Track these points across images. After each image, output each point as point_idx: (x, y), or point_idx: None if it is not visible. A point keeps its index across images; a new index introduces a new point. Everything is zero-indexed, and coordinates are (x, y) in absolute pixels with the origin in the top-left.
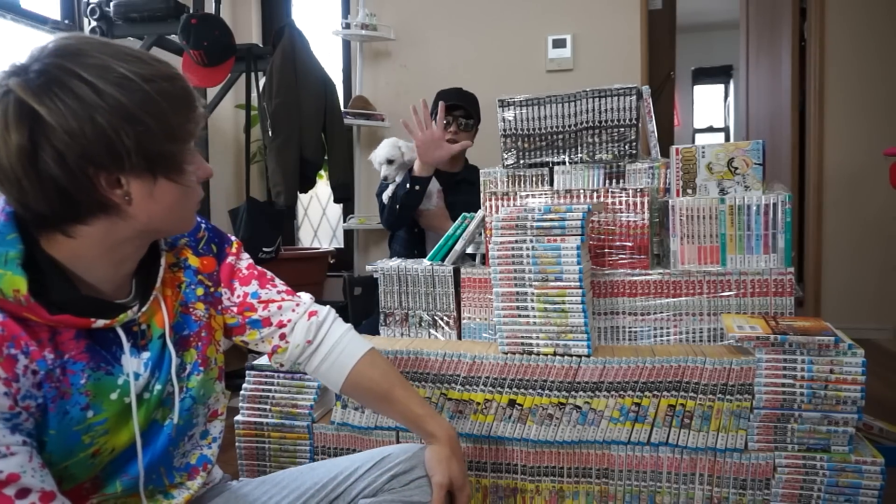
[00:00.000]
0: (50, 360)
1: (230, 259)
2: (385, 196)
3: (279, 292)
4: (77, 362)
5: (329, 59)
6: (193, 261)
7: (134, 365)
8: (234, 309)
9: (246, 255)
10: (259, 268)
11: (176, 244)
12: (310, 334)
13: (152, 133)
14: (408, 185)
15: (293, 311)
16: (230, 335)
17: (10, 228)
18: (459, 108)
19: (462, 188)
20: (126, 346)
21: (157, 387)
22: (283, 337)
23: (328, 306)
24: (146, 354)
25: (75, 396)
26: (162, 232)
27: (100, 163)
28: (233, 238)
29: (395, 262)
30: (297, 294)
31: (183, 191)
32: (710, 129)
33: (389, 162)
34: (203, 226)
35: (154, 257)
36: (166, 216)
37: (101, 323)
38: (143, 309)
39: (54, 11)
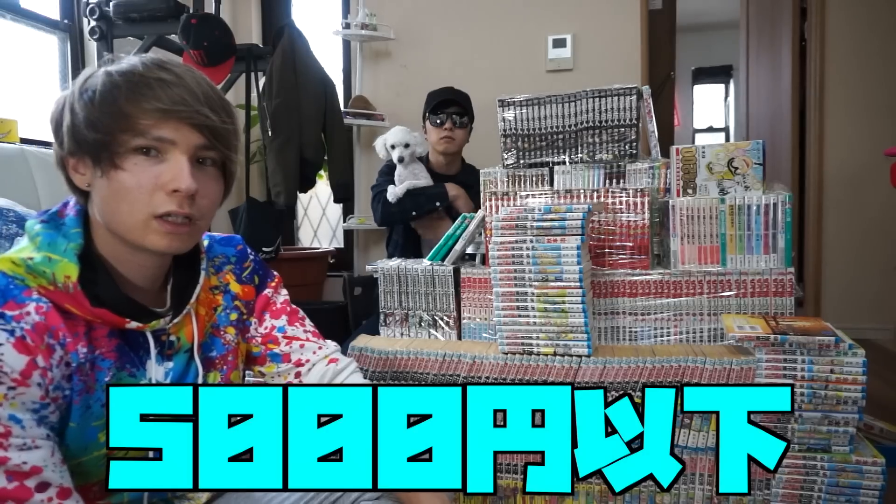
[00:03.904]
0: (83, 354)
1: (268, 291)
2: (392, 194)
3: (305, 332)
4: (106, 359)
5: (329, 59)
6: (234, 287)
7: (157, 372)
8: (259, 339)
9: (284, 292)
10: (293, 306)
11: (221, 269)
12: (324, 379)
13: (78, 121)
14: (437, 203)
15: (314, 353)
16: (251, 365)
17: (76, 223)
18: (453, 104)
19: None
20: (153, 352)
21: None
22: (297, 375)
23: (351, 359)
24: (169, 364)
25: (98, 392)
26: (119, 235)
27: (59, 142)
28: (275, 273)
29: (395, 262)
30: (325, 340)
31: (112, 189)
32: (710, 129)
33: (406, 146)
34: (251, 257)
35: (194, 274)
36: (105, 211)
37: (134, 325)
38: (175, 320)
39: (54, 11)
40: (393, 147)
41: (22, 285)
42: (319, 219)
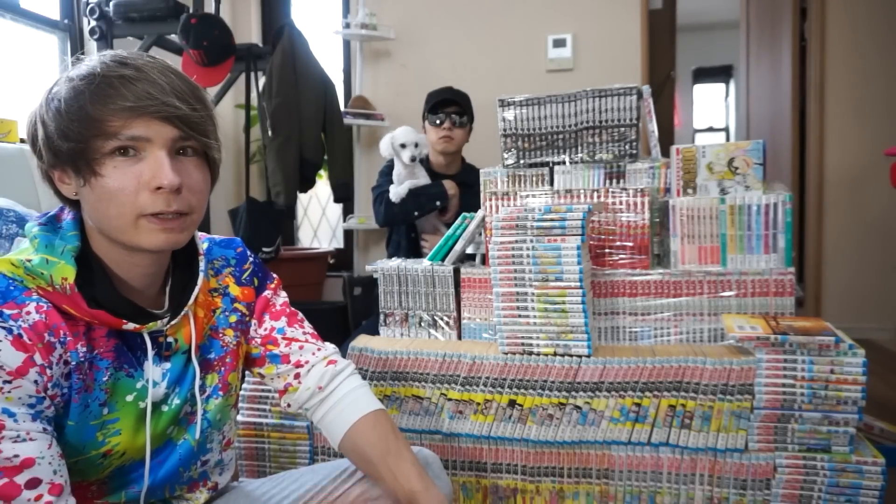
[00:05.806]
0: (82, 354)
1: (267, 293)
2: (395, 194)
3: (305, 333)
4: (104, 359)
5: (329, 59)
6: (234, 289)
7: (155, 373)
8: (258, 340)
9: (283, 294)
10: (292, 308)
11: (221, 271)
12: (323, 381)
13: (50, 132)
14: (437, 203)
15: (313, 354)
16: (250, 367)
17: (73, 227)
18: (452, 104)
19: (460, 190)
20: (150, 353)
21: (176, 401)
22: (297, 377)
23: (350, 361)
24: (167, 365)
25: (96, 392)
26: (113, 238)
27: (38, 156)
28: (275, 276)
29: (395, 263)
30: (323, 341)
31: (97, 195)
32: (711, 129)
33: (416, 146)
34: (251, 259)
35: (192, 276)
36: (95, 217)
37: (131, 326)
38: (173, 322)
39: (54, 11)
40: (403, 146)
41: (22, 286)
42: (319, 219)
